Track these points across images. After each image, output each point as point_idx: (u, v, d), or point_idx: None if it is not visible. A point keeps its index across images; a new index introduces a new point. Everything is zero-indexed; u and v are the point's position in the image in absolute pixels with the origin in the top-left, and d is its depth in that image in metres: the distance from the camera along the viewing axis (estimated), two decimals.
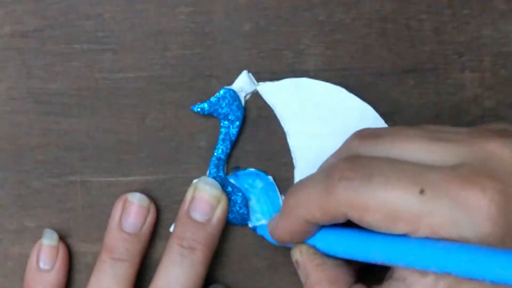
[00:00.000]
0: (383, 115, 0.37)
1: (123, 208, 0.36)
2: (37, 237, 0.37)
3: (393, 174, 0.28)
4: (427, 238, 0.27)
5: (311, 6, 0.37)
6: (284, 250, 0.37)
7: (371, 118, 0.37)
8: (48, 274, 0.36)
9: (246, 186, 0.37)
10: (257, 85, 0.37)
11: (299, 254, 0.33)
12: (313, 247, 0.33)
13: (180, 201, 0.37)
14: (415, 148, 0.29)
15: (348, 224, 0.31)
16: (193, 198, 0.36)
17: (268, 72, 0.37)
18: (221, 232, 0.36)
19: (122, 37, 0.37)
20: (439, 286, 0.28)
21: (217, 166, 0.37)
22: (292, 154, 0.37)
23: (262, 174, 0.37)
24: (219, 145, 0.37)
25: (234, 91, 0.37)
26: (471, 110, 0.37)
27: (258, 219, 0.37)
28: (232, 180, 0.37)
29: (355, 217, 0.29)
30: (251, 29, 0.37)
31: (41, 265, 0.36)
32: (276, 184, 0.37)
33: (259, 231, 0.37)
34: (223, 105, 0.37)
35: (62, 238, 0.37)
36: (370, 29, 0.37)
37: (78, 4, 0.37)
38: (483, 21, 0.37)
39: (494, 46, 0.37)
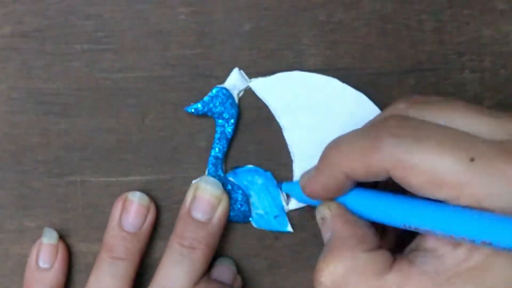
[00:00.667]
0: None
1: (123, 207, 0.36)
2: (37, 237, 0.37)
3: (445, 139, 0.27)
4: (467, 207, 0.27)
5: (311, 6, 0.37)
6: (284, 250, 0.37)
7: (365, 106, 0.37)
8: (47, 273, 0.36)
9: (245, 183, 0.37)
10: (249, 81, 0.37)
11: (327, 210, 0.32)
12: (343, 205, 0.32)
13: (180, 201, 0.37)
14: (463, 118, 0.29)
15: (378, 188, 0.30)
16: (194, 197, 0.36)
17: (268, 72, 0.37)
18: (222, 231, 0.36)
19: (122, 37, 0.37)
20: (473, 258, 0.28)
21: (215, 165, 0.37)
22: (289, 148, 0.37)
23: (260, 170, 0.37)
24: (216, 144, 0.37)
25: (226, 89, 0.37)
26: None
27: (260, 215, 0.37)
28: (231, 178, 0.37)
29: (398, 176, 0.28)
30: (251, 29, 0.37)
31: (41, 264, 0.36)
32: (276, 181, 0.37)
33: (285, 189, 0.36)
34: (217, 103, 0.37)
35: (62, 238, 0.37)
36: (370, 29, 0.37)
37: (78, 4, 0.37)
38: (483, 21, 0.37)
39: (494, 46, 0.37)
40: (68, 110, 0.38)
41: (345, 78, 0.37)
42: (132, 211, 0.36)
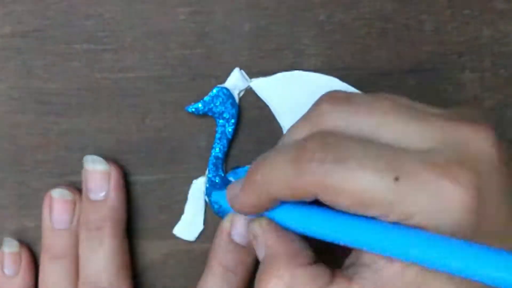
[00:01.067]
0: None
1: (50, 206, 0.36)
2: (37, 237, 0.37)
3: (368, 158, 0.27)
4: (397, 224, 0.27)
5: (311, 6, 0.37)
6: None
7: None
8: (14, 280, 0.37)
9: None
10: (250, 81, 0.37)
11: (258, 227, 0.31)
12: (274, 220, 0.31)
13: (180, 201, 0.37)
14: (390, 125, 0.28)
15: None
16: (232, 221, 0.35)
17: (268, 72, 0.37)
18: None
19: (122, 37, 0.37)
20: (407, 274, 0.27)
21: (215, 165, 0.37)
22: None
23: None
24: (216, 144, 0.37)
25: (227, 89, 0.37)
26: None
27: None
28: (231, 178, 0.37)
29: (326, 199, 0.28)
30: (251, 29, 0.37)
31: (6, 271, 0.37)
32: None
33: (215, 198, 0.36)
34: (217, 103, 0.37)
35: None
36: (370, 29, 0.37)
37: (78, 4, 0.37)
38: (483, 21, 0.37)
39: (494, 46, 0.37)
40: (68, 110, 0.38)
41: (345, 78, 0.37)
42: (57, 208, 0.36)
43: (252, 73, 0.37)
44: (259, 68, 0.37)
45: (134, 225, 0.38)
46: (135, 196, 0.38)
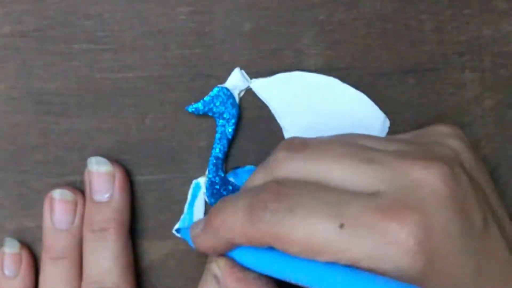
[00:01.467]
0: None
1: (51, 206, 0.36)
2: (37, 237, 0.37)
3: (314, 206, 0.28)
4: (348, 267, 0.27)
5: (311, 6, 0.37)
6: None
7: (366, 106, 0.37)
8: (14, 280, 0.37)
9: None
10: (250, 82, 0.37)
11: (217, 269, 0.32)
12: (232, 259, 0.32)
13: (180, 201, 0.37)
14: (340, 168, 0.29)
15: None
16: None
17: (268, 72, 0.37)
18: None
19: (122, 37, 0.37)
20: None
21: (216, 165, 0.37)
22: None
23: None
24: (216, 144, 0.37)
25: (227, 89, 0.37)
26: (471, 110, 0.37)
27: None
28: (231, 179, 0.37)
29: (278, 247, 0.28)
30: (251, 29, 0.37)
31: (6, 272, 0.37)
32: None
33: (183, 235, 0.36)
34: (217, 103, 0.37)
35: None
36: (370, 29, 0.37)
37: (78, 4, 0.37)
38: (483, 21, 0.37)
39: (494, 46, 0.37)
40: (68, 110, 0.37)
41: (345, 78, 0.37)
42: (57, 209, 0.36)
43: (252, 73, 0.37)
44: (259, 68, 0.37)
45: (134, 225, 0.38)
46: (135, 196, 0.38)
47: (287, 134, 0.37)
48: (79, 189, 0.37)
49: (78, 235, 0.36)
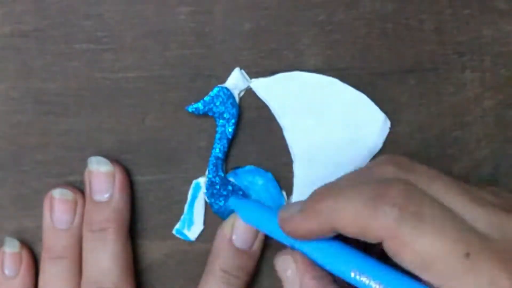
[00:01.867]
0: None
1: (50, 205, 0.36)
2: (37, 237, 0.37)
3: (444, 224, 0.27)
4: None
5: (311, 6, 0.37)
6: None
7: (366, 107, 0.37)
8: (14, 280, 0.36)
9: (246, 183, 0.37)
10: (250, 81, 0.37)
11: (292, 263, 0.31)
12: (307, 255, 0.31)
13: (180, 201, 0.37)
14: (454, 199, 0.28)
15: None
16: (233, 225, 0.36)
17: (268, 72, 0.37)
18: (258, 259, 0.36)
19: (122, 37, 0.37)
20: None
21: (216, 165, 0.37)
22: (290, 149, 0.37)
23: (261, 170, 0.37)
24: (216, 144, 0.37)
25: (227, 89, 0.37)
26: (471, 110, 0.37)
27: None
28: (231, 179, 0.37)
29: (391, 247, 0.28)
30: (251, 29, 0.37)
31: (6, 272, 0.36)
32: (276, 182, 0.37)
33: (232, 204, 0.36)
34: (217, 103, 0.37)
35: None
36: (370, 29, 0.37)
37: (78, 4, 0.37)
38: (483, 21, 0.37)
39: (495, 46, 0.37)
40: (68, 110, 0.37)
41: (345, 78, 0.37)
42: (57, 208, 0.36)
43: (252, 73, 0.37)
44: (259, 68, 0.37)
45: (134, 225, 0.38)
46: (135, 196, 0.38)
47: (287, 134, 0.37)
48: (80, 188, 0.37)
49: (77, 234, 0.36)
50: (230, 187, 0.37)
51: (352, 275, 0.29)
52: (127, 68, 0.37)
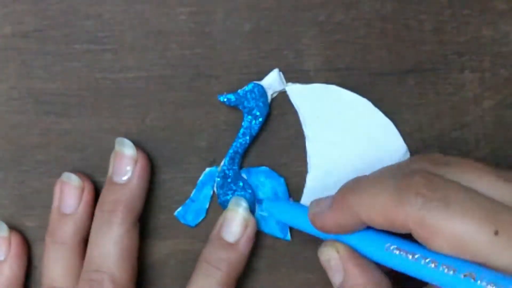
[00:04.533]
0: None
1: (59, 189, 0.36)
2: (37, 237, 0.37)
3: (471, 206, 0.27)
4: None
5: (311, 6, 0.37)
6: (284, 250, 0.37)
7: (391, 134, 0.37)
8: (2, 265, 0.37)
9: (257, 183, 0.37)
10: (286, 85, 0.37)
11: (335, 252, 0.31)
12: (349, 246, 0.32)
13: (180, 201, 0.37)
14: (484, 182, 0.29)
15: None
16: (225, 219, 0.36)
17: (268, 72, 0.37)
18: (247, 254, 0.36)
19: (122, 37, 0.37)
20: None
21: (233, 158, 0.37)
22: (308, 159, 0.37)
23: (275, 174, 0.37)
24: (238, 138, 0.37)
25: (262, 87, 0.37)
26: (471, 110, 0.37)
27: (263, 217, 0.37)
28: (244, 175, 0.37)
29: (420, 236, 0.28)
30: (251, 29, 0.37)
31: None
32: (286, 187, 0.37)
33: (266, 206, 0.36)
34: (250, 99, 0.37)
35: None
36: (370, 29, 0.37)
37: (78, 4, 0.37)
38: (483, 21, 0.37)
39: (494, 46, 0.37)
40: (68, 110, 0.38)
41: (345, 78, 0.37)
42: (66, 193, 0.36)
43: (252, 73, 0.37)
44: (259, 68, 0.37)
45: None
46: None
47: (309, 144, 0.37)
48: (91, 176, 0.37)
49: (81, 222, 0.36)
50: (241, 183, 0.37)
51: (386, 247, 0.30)
52: (127, 68, 0.37)
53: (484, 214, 0.27)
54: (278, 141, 0.38)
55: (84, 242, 0.36)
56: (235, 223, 0.36)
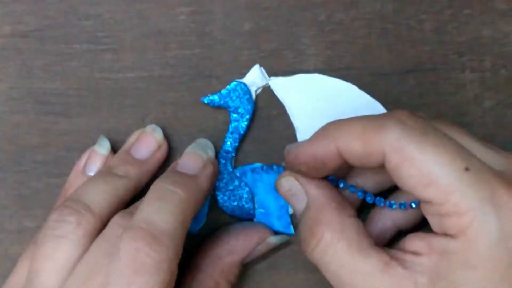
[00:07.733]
0: None
1: (138, 137, 0.36)
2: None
3: (447, 141, 0.28)
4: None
5: (311, 6, 0.37)
6: (284, 250, 0.37)
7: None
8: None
9: (252, 180, 0.37)
10: (269, 79, 0.37)
11: (293, 179, 0.32)
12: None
13: None
14: (465, 138, 0.30)
15: None
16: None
17: (268, 72, 0.37)
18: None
19: (122, 37, 0.37)
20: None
21: (225, 159, 0.37)
22: None
23: (269, 168, 0.37)
24: (228, 138, 0.37)
25: (245, 84, 0.37)
26: (471, 110, 0.37)
27: (263, 214, 0.37)
28: (238, 174, 0.37)
29: (393, 162, 0.28)
30: (251, 29, 0.37)
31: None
32: None
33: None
34: (234, 97, 0.37)
35: None
36: (370, 29, 0.37)
37: (78, 4, 0.37)
38: (483, 21, 0.37)
39: (494, 46, 0.37)
40: (68, 110, 0.38)
41: (345, 78, 0.37)
42: (143, 141, 0.36)
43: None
44: None
45: None
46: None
47: (299, 135, 0.37)
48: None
49: (145, 170, 0.36)
50: (236, 182, 0.37)
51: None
52: (127, 68, 0.37)
53: (457, 151, 0.28)
54: (269, 136, 0.37)
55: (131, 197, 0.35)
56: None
